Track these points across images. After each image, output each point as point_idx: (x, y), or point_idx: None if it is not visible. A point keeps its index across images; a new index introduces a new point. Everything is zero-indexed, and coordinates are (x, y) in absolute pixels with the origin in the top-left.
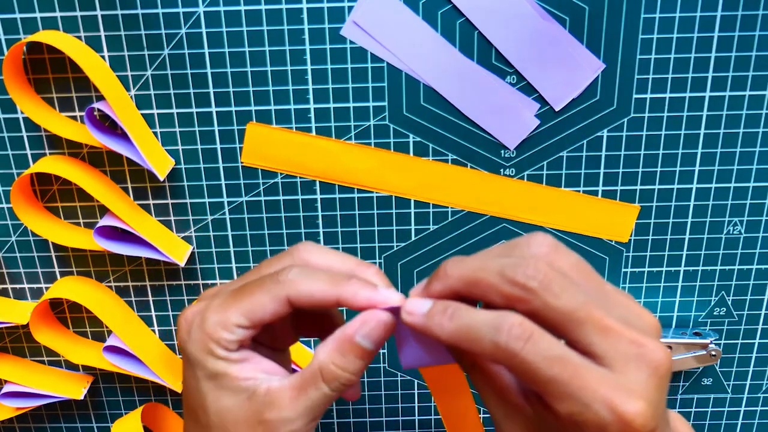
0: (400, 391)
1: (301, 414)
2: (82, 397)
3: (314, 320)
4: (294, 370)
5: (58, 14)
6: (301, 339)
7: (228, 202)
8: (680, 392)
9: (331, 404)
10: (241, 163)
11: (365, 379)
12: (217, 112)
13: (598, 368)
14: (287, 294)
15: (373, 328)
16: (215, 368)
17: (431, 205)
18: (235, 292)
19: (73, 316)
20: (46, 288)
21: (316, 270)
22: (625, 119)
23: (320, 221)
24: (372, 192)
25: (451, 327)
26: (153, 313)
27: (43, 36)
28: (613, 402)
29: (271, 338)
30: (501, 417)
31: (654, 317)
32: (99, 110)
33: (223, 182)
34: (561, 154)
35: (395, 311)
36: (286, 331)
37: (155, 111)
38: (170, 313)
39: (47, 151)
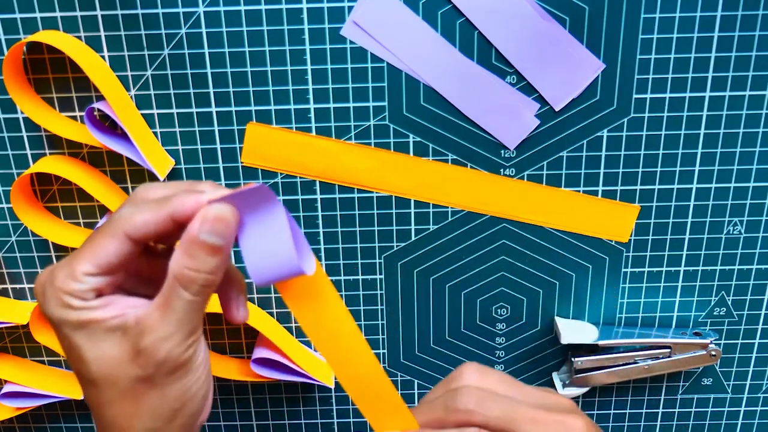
0: (400, 391)
1: (174, 330)
2: (82, 397)
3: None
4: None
5: (58, 14)
6: (300, 340)
7: None
8: (680, 392)
9: (204, 312)
10: (241, 163)
11: None
12: (217, 112)
13: None
14: (123, 230)
15: (213, 221)
16: (78, 318)
17: (431, 205)
18: (82, 245)
19: None
20: None
21: (146, 201)
22: (625, 119)
23: (320, 221)
24: (372, 192)
25: None
26: None
27: (43, 36)
28: None
29: (129, 281)
30: None
31: (569, 399)
32: (99, 110)
33: (223, 182)
34: (561, 154)
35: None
36: (138, 269)
37: (155, 111)
38: None
39: (47, 151)
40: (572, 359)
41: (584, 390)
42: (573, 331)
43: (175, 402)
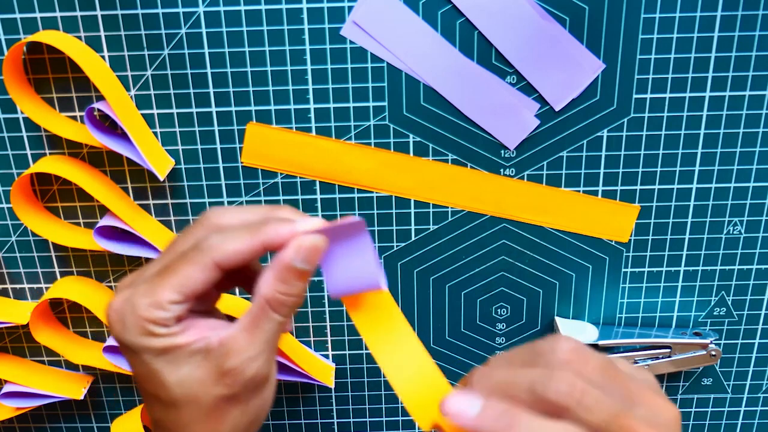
0: None
1: (261, 350)
2: (82, 397)
3: (235, 275)
4: None
5: (58, 14)
6: (297, 337)
7: (228, 202)
8: (680, 392)
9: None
10: (241, 163)
11: (365, 379)
12: (217, 112)
13: None
14: (213, 259)
15: (306, 250)
16: (161, 345)
17: (431, 205)
18: (161, 272)
19: (73, 316)
20: (46, 288)
21: (232, 228)
22: (625, 119)
23: None
24: (372, 192)
25: None
26: None
27: (43, 36)
28: None
29: (199, 304)
30: None
31: (674, 408)
32: (99, 110)
33: (223, 182)
34: (561, 154)
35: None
36: (210, 293)
37: (155, 111)
38: None
39: (47, 151)
40: None
41: None
42: (573, 331)
43: (253, 414)
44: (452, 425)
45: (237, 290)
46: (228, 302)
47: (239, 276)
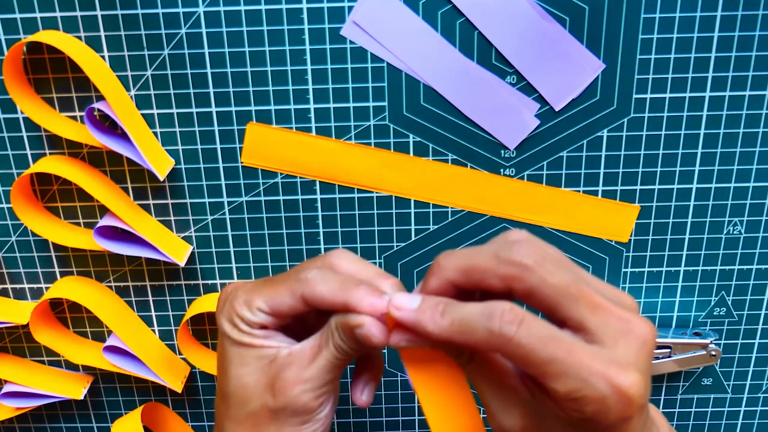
0: (400, 391)
1: (313, 375)
2: (82, 397)
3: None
4: None
5: (58, 14)
6: None
7: (228, 202)
8: (680, 392)
9: (339, 379)
10: (241, 163)
11: None
12: (217, 112)
13: (591, 345)
14: (302, 292)
15: (363, 333)
16: (240, 338)
17: (431, 205)
18: (267, 281)
19: (73, 316)
20: (46, 288)
21: (333, 274)
22: (625, 119)
23: (320, 221)
24: (372, 192)
25: (444, 322)
26: (153, 313)
27: (43, 36)
28: (608, 375)
29: (304, 332)
30: (498, 408)
31: (632, 298)
32: (99, 110)
33: (223, 182)
34: (561, 154)
35: None
36: (303, 320)
37: (155, 111)
38: (170, 313)
39: (47, 151)
40: None
41: None
42: None
43: None
44: (396, 318)
45: None
46: None
47: None
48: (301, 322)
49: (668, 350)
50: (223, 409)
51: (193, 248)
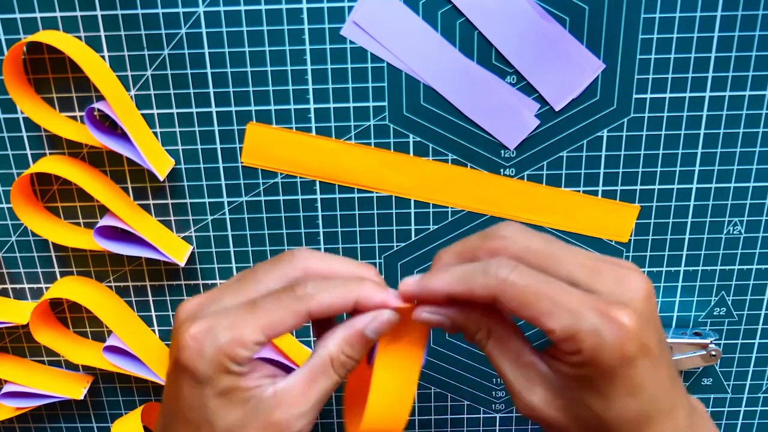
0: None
1: (311, 406)
2: (82, 397)
3: None
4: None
5: (58, 14)
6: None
7: (228, 202)
8: None
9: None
10: (241, 163)
11: None
12: (217, 112)
13: (584, 291)
14: (308, 308)
15: (382, 323)
16: (227, 385)
17: (431, 205)
18: (250, 308)
19: (73, 316)
20: (46, 288)
21: (329, 280)
22: (625, 119)
23: (320, 221)
24: (372, 192)
25: (446, 278)
26: (153, 313)
27: (43, 36)
28: (600, 308)
29: None
30: (521, 386)
31: (642, 278)
32: (99, 110)
33: (223, 182)
34: (561, 154)
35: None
36: None
37: (155, 111)
38: (170, 313)
39: (47, 151)
40: None
41: None
42: None
43: None
44: (407, 292)
45: None
46: None
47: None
48: None
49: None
50: None
51: (193, 248)
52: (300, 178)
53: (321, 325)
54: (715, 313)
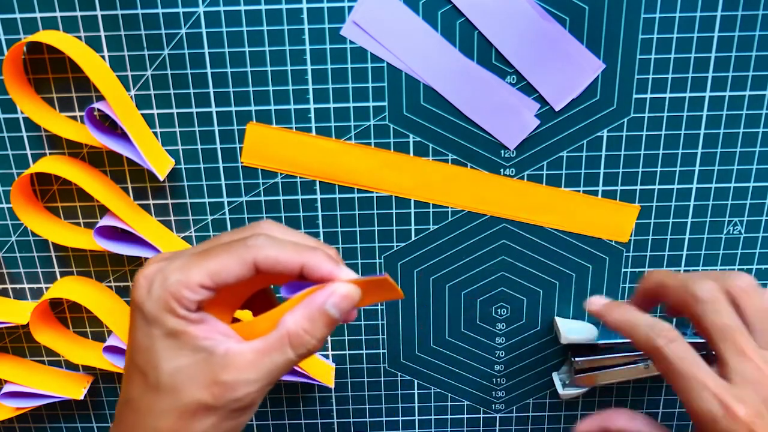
0: (400, 391)
1: (262, 376)
2: (82, 397)
3: (257, 301)
4: None
5: (58, 14)
6: None
7: (228, 202)
8: None
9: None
10: (241, 163)
11: (365, 379)
12: (217, 112)
13: (719, 378)
14: (255, 257)
15: (343, 297)
16: (174, 326)
17: (431, 205)
18: (201, 254)
19: (73, 316)
20: (46, 288)
21: (282, 239)
22: (625, 119)
23: (320, 221)
24: (372, 192)
25: (620, 316)
26: None
27: (43, 36)
28: (722, 397)
29: (219, 303)
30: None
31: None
32: (99, 110)
33: (223, 182)
34: (561, 154)
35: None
36: (233, 294)
37: (155, 111)
38: None
39: (47, 151)
40: (573, 359)
41: (584, 390)
42: (573, 330)
43: None
44: (593, 310)
45: None
46: None
47: (255, 298)
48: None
49: None
50: (149, 401)
51: None
52: (300, 178)
53: (260, 305)
54: None
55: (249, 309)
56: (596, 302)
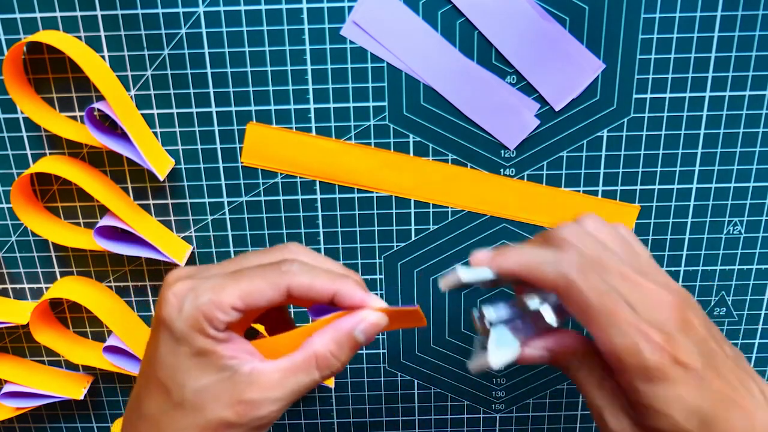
0: (400, 391)
1: (286, 395)
2: (82, 397)
3: (270, 315)
4: None
5: (58, 14)
6: None
7: (228, 202)
8: None
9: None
10: (241, 163)
11: (365, 379)
12: (217, 112)
13: (631, 309)
14: (289, 284)
15: (371, 324)
16: (203, 346)
17: (431, 205)
18: (233, 275)
19: (73, 316)
20: (46, 288)
21: (314, 266)
22: (625, 119)
23: (320, 221)
24: (372, 192)
25: (518, 258)
26: (153, 313)
27: (43, 36)
28: (641, 328)
29: (243, 323)
30: (607, 412)
31: (667, 294)
32: (99, 110)
33: (223, 182)
34: (561, 154)
35: None
36: (256, 315)
37: (155, 111)
38: None
39: (47, 151)
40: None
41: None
42: (468, 273)
43: None
44: (481, 263)
45: None
46: None
47: (268, 312)
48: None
49: None
50: (170, 417)
51: (193, 248)
52: (300, 178)
53: (273, 319)
54: (715, 313)
55: (262, 323)
56: (482, 254)
